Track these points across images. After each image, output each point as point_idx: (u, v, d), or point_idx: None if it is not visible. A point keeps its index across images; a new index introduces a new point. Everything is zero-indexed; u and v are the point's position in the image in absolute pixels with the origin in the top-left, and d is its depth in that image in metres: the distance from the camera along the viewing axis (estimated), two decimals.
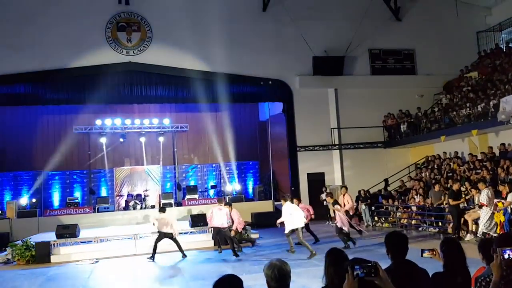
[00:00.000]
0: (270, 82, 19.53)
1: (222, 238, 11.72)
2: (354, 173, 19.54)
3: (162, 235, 11.40)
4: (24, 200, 18.17)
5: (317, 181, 19.14)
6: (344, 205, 13.23)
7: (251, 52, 19.05)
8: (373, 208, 16.73)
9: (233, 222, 11.90)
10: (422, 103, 20.14)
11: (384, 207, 16.67)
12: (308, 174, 19.48)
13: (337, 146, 19.94)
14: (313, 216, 13.52)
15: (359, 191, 17.21)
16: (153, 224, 11.60)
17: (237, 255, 10.96)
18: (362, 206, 16.72)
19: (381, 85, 20.52)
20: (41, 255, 11.91)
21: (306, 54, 19.35)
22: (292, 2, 19.62)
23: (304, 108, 19.63)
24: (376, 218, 16.73)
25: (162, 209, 11.96)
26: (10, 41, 16.78)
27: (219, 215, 11.37)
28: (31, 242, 12.27)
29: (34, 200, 18.37)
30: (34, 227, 15.20)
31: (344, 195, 14.05)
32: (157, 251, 11.38)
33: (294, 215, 10.74)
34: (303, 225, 11.03)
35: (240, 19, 19.29)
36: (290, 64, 19.57)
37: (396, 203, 16.00)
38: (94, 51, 17.62)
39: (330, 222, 17.64)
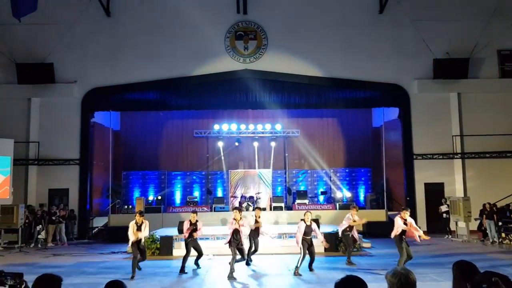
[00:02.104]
0: (385, 87, 18.93)
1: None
2: (479, 185, 17.99)
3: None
4: (150, 197, 20.09)
5: (435, 191, 18.00)
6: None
7: (365, 56, 18.66)
8: (500, 223, 15.29)
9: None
10: None
11: None
12: (426, 184, 18.41)
13: (459, 155, 18.54)
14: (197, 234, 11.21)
15: (484, 205, 15.87)
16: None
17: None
18: (487, 221, 15.42)
19: None
20: (164, 248, 12.98)
21: (426, 57, 18.37)
22: (411, 3, 18.78)
23: (423, 113, 18.62)
24: (503, 235, 15.25)
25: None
26: (142, 53, 18.58)
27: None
28: (157, 236, 13.43)
29: (159, 197, 20.05)
30: (159, 222, 16.53)
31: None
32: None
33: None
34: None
35: (355, 22, 18.99)
36: (408, 68, 18.73)
37: None
38: (214, 59, 18.70)
39: (450, 236, 16.55)
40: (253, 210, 12.60)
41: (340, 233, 11.73)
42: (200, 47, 18.57)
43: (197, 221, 10.97)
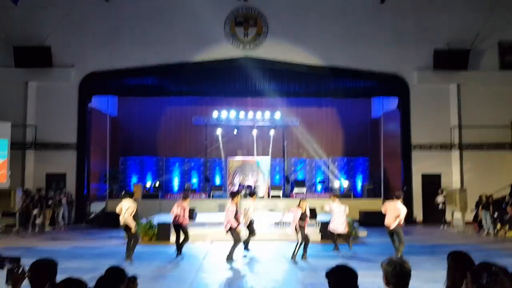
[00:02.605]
0: (385, 77, 18.87)
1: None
2: (475, 176, 18.03)
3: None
4: (148, 183, 20.10)
5: (432, 183, 18.07)
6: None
7: (366, 46, 18.55)
8: (495, 214, 15.38)
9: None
10: None
11: (509, 215, 15.19)
12: (423, 175, 18.46)
13: (457, 146, 18.58)
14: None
15: (480, 196, 15.93)
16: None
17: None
18: (483, 212, 15.52)
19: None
20: (162, 234, 13.03)
21: (426, 48, 18.28)
22: None
23: (421, 104, 18.58)
24: (498, 226, 15.35)
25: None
26: (141, 37, 18.37)
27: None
28: (154, 222, 13.48)
29: (157, 183, 20.05)
30: (156, 208, 16.56)
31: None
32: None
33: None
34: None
35: (357, 12, 18.85)
36: (408, 58, 18.65)
37: None
38: (213, 46, 18.53)
39: (446, 226, 16.64)
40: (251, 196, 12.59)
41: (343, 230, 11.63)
42: (200, 33, 18.40)
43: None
